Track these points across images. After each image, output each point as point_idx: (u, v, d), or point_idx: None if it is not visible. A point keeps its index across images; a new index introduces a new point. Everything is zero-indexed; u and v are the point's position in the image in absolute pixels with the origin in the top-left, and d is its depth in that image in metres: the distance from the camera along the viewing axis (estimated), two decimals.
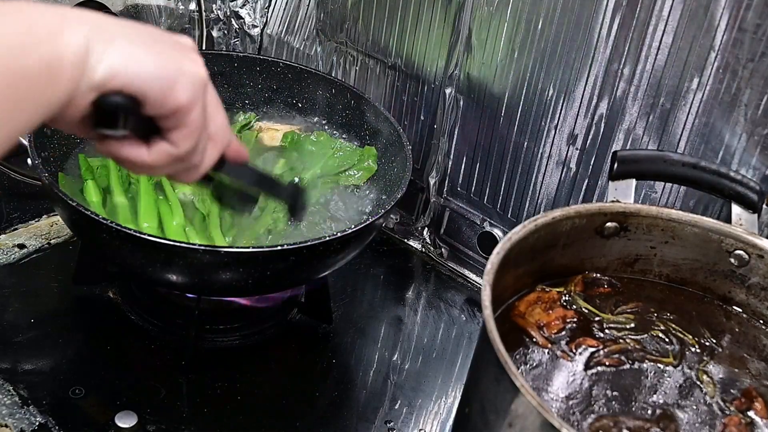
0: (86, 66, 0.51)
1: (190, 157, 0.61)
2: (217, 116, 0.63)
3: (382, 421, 0.97)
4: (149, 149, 0.59)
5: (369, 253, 1.26)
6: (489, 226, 1.22)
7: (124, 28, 0.55)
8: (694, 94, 0.92)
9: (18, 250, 1.14)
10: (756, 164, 0.90)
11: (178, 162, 0.61)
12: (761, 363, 0.77)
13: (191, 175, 0.64)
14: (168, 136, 0.59)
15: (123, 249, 0.88)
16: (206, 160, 0.63)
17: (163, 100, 0.56)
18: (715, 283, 0.84)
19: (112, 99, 0.54)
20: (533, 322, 0.76)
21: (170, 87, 0.55)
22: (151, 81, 0.54)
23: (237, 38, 1.50)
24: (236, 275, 0.89)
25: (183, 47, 0.59)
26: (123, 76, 0.53)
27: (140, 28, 0.57)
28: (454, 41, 1.15)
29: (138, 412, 0.90)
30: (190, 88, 0.57)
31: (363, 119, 1.20)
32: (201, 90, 0.58)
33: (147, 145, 0.59)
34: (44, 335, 1.01)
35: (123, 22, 0.56)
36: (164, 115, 0.57)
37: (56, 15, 0.51)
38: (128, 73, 0.53)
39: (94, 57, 0.52)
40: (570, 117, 1.05)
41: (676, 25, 0.91)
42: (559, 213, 0.78)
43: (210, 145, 0.63)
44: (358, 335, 1.11)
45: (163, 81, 0.55)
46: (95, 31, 0.52)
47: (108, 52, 0.52)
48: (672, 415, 0.69)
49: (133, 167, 0.61)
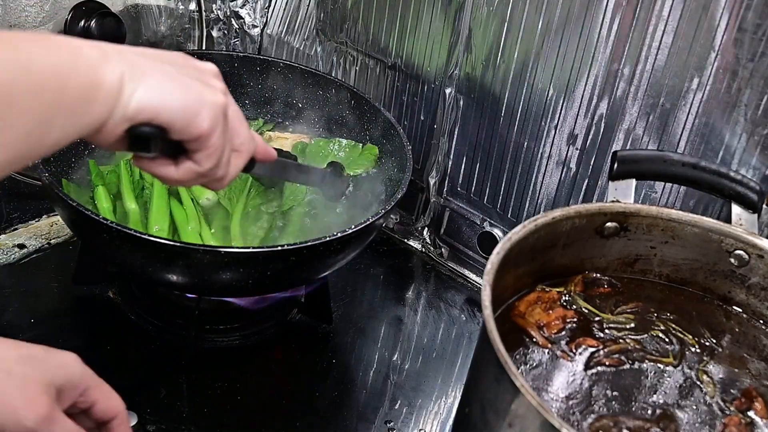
0: (120, 99, 0.58)
1: (214, 172, 0.68)
2: (240, 130, 0.69)
3: (382, 421, 0.97)
4: (177, 167, 0.67)
5: (369, 253, 1.26)
6: (489, 226, 1.22)
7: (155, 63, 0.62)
8: (694, 94, 0.92)
9: (18, 250, 1.14)
10: (756, 164, 0.90)
11: (203, 177, 0.69)
12: (761, 363, 0.77)
13: (218, 185, 0.72)
14: (193, 156, 0.66)
15: (123, 249, 0.88)
16: (231, 171, 0.70)
17: (187, 129, 0.63)
18: (715, 283, 0.84)
19: (143, 129, 0.61)
20: (533, 322, 0.76)
21: (193, 117, 0.63)
22: (176, 113, 0.62)
23: (237, 38, 1.50)
24: (236, 275, 0.89)
25: (205, 75, 0.67)
26: (152, 110, 0.60)
27: (169, 59, 0.65)
28: (454, 41, 1.15)
29: (138, 412, 0.90)
30: (210, 116, 0.64)
31: (363, 119, 1.20)
32: (221, 116, 0.65)
33: (175, 163, 0.67)
34: (44, 335, 1.01)
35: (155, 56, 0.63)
36: (188, 140, 0.64)
37: (97, 49, 0.58)
38: (156, 107, 0.60)
39: (127, 92, 0.59)
40: (570, 117, 1.05)
41: (676, 25, 0.91)
42: (559, 213, 0.78)
43: (235, 156, 0.70)
44: (358, 335, 1.11)
45: (187, 112, 0.62)
46: (130, 67, 0.59)
47: (140, 88, 0.59)
48: (672, 415, 0.69)
49: (165, 181, 0.69)
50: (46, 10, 1.18)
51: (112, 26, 1.21)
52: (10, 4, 1.14)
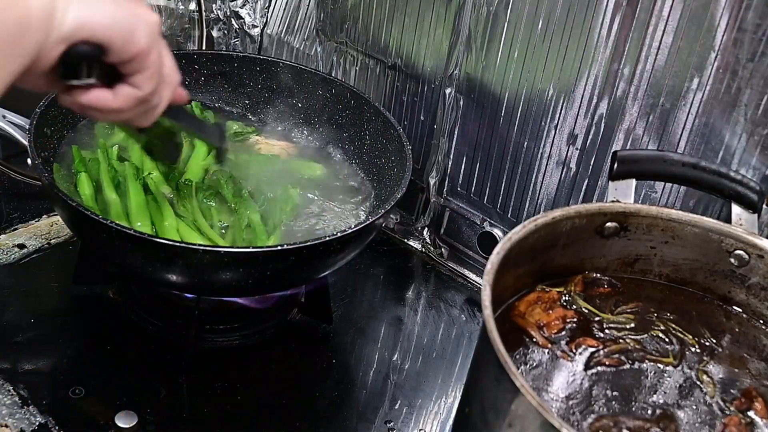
0: (53, 20, 0.56)
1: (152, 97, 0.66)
2: (167, 59, 0.68)
3: (382, 421, 0.97)
4: (114, 94, 0.64)
5: (369, 253, 1.26)
6: (489, 226, 1.22)
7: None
8: (694, 94, 0.92)
9: (18, 250, 1.14)
10: (756, 164, 0.90)
11: (141, 104, 0.66)
12: (761, 363, 0.77)
13: (149, 117, 0.69)
14: (131, 80, 0.64)
15: (123, 249, 0.88)
16: (163, 101, 0.69)
17: (126, 46, 0.61)
18: (715, 283, 0.84)
19: (80, 48, 0.58)
20: (533, 322, 0.76)
21: (131, 33, 0.61)
22: (114, 29, 0.59)
23: (237, 38, 1.50)
24: (236, 275, 0.89)
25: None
26: (88, 26, 0.58)
27: None
28: (454, 41, 1.15)
29: (138, 412, 0.90)
30: (148, 32, 0.62)
31: (363, 119, 1.20)
32: (157, 33, 0.63)
33: (112, 91, 0.64)
34: (44, 335, 1.01)
35: None
36: (127, 60, 0.62)
37: None
38: (92, 23, 0.58)
39: (60, 12, 0.57)
40: (570, 117, 1.05)
41: (676, 25, 0.91)
42: (559, 213, 0.78)
43: (163, 87, 0.68)
44: (358, 335, 1.11)
45: (124, 28, 0.60)
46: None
47: (72, 6, 0.57)
48: (672, 415, 0.69)
49: (100, 114, 0.66)
50: None
51: None
52: None
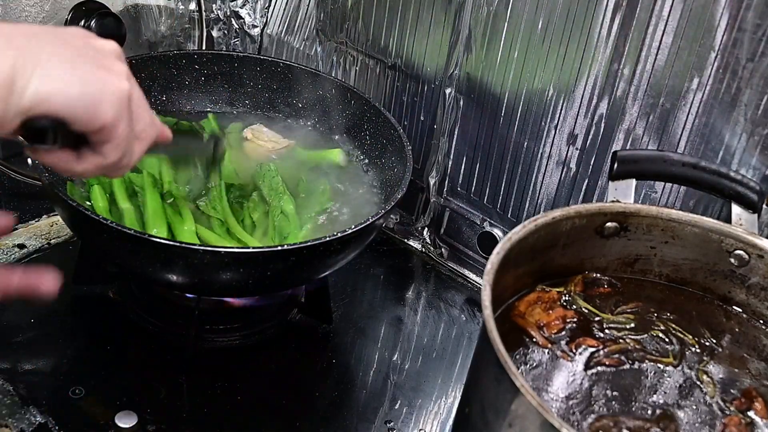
0: (13, 91, 0.53)
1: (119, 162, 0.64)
2: (143, 115, 0.65)
3: (382, 421, 0.97)
4: (78, 160, 0.62)
5: (369, 253, 1.26)
6: (489, 226, 1.22)
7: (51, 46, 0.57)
8: (694, 94, 0.92)
9: (18, 250, 1.14)
10: (756, 164, 0.90)
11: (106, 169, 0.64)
12: (761, 363, 0.77)
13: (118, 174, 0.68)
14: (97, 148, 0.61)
15: (123, 249, 0.88)
16: (134, 159, 0.66)
17: (90, 120, 0.58)
18: (715, 283, 0.84)
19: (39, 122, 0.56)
20: (533, 322, 0.76)
21: (95, 107, 0.58)
22: (78, 103, 0.56)
23: (237, 38, 1.50)
24: (236, 275, 0.89)
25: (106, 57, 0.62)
26: (48, 102, 0.55)
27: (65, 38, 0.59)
28: (454, 41, 1.15)
29: (138, 412, 0.90)
30: (115, 105, 0.59)
31: (363, 119, 1.20)
32: (125, 104, 0.60)
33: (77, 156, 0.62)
34: (44, 335, 1.01)
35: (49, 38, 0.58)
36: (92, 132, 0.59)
37: None
38: (54, 98, 0.55)
39: (20, 83, 0.54)
40: (570, 117, 1.05)
41: (676, 25, 0.91)
42: (559, 213, 0.78)
43: (137, 144, 0.66)
44: (358, 335, 1.11)
45: (87, 102, 0.57)
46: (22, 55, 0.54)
47: (33, 77, 0.54)
48: (672, 415, 0.69)
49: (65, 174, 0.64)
50: (46, 10, 1.18)
51: (112, 26, 1.21)
52: (10, 4, 1.14)
